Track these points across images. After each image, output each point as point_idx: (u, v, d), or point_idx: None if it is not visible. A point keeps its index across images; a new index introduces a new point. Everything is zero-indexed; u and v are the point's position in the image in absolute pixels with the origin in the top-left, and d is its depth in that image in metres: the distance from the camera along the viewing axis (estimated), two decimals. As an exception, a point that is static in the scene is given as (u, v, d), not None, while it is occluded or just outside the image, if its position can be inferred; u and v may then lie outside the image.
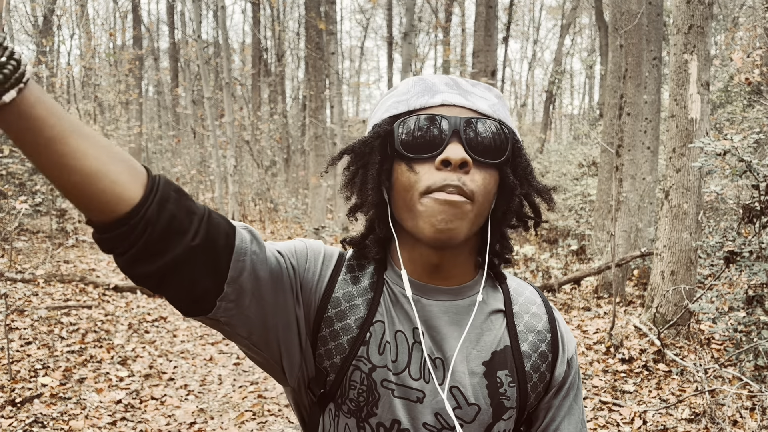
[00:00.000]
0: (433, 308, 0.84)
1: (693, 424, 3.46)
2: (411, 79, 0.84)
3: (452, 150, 0.75)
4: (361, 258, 0.90)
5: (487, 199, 0.79)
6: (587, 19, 26.08)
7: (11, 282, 6.37)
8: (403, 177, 0.78)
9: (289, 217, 14.20)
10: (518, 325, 0.87)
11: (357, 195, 0.86)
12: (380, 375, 0.81)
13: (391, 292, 0.86)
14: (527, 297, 0.90)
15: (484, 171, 0.78)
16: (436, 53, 26.93)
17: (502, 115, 0.82)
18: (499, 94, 0.85)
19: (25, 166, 8.41)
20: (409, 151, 0.78)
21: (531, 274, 7.70)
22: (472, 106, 0.79)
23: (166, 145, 21.78)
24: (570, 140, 17.47)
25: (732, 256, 3.98)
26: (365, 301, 0.85)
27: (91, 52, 16.87)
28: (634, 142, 6.85)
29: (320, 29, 9.79)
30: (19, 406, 3.60)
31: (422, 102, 0.80)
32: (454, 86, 0.82)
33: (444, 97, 0.79)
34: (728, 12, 14.58)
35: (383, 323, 0.84)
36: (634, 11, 6.66)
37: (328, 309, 0.84)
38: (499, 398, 0.83)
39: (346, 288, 0.86)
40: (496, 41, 9.10)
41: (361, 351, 0.83)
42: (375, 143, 0.82)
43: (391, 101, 0.84)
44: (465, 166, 0.75)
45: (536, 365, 0.86)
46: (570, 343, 0.90)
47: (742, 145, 3.77)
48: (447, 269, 0.84)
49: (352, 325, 0.84)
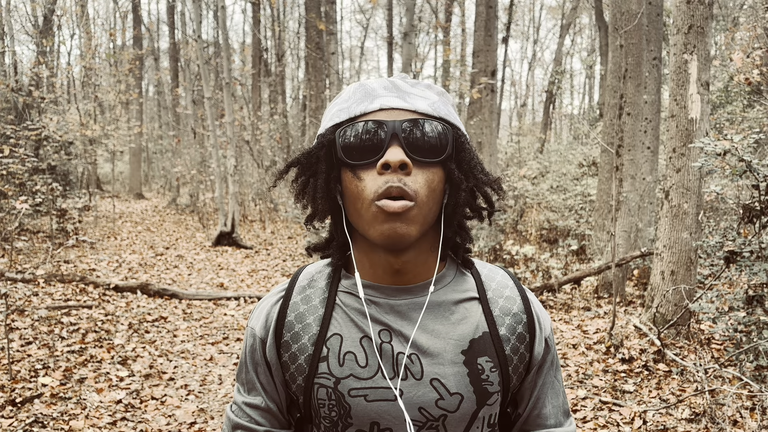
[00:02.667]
0: (401, 308, 0.85)
1: (693, 424, 3.46)
2: (352, 86, 0.86)
3: (391, 153, 0.76)
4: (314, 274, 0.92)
5: (433, 197, 0.80)
6: (587, 19, 26.08)
7: (11, 282, 6.37)
8: (351, 185, 0.80)
9: (289, 217, 14.20)
10: (494, 310, 0.88)
11: (310, 204, 0.87)
12: (346, 386, 0.83)
13: (348, 302, 0.87)
14: (499, 281, 0.92)
15: (426, 170, 0.79)
16: (436, 53, 26.93)
17: (443, 112, 0.83)
18: (441, 91, 0.86)
19: (25, 166, 8.41)
20: (352, 159, 0.80)
21: (531, 274, 7.71)
22: (410, 107, 0.80)
23: (166, 145, 21.78)
24: (570, 140, 17.46)
25: (732, 256, 3.98)
26: (317, 318, 0.87)
27: (91, 52, 16.87)
28: (634, 142, 6.85)
29: (320, 29, 9.79)
30: (19, 406, 3.61)
31: (361, 108, 0.81)
32: (393, 89, 0.83)
33: (382, 102, 0.81)
34: (728, 12, 14.58)
35: (340, 335, 0.85)
36: (634, 11, 6.66)
37: (284, 334, 0.87)
38: (482, 384, 0.84)
39: (297, 310, 0.88)
40: (496, 41, 9.10)
41: (321, 368, 0.84)
42: (320, 153, 0.84)
43: (334, 110, 0.86)
44: (405, 167, 0.76)
45: (515, 347, 0.87)
46: (546, 322, 0.92)
47: (742, 145, 3.78)
48: (409, 270, 0.85)
49: (306, 344, 0.86)
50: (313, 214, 0.89)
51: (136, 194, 20.98)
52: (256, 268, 8.82)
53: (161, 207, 18.08)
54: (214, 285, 7.51)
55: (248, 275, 8.27)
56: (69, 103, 16.53)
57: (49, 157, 10.53)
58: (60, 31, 19.24)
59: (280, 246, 11.14)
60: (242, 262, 9.29)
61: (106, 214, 14.69)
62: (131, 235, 11.70)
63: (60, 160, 11.19)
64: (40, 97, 11.65)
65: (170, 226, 13.76)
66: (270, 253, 10.26)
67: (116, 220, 13.70)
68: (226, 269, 8.67)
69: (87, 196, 13.41)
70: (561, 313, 6.08)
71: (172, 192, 19.19)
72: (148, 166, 27.23)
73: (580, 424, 3.55)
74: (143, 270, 8.27)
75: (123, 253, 9.50)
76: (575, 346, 4.91)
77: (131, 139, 17.70)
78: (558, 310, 6.22)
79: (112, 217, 13.69)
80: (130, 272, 8.06)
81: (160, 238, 11.70)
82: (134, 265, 8.60)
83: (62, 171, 11.62)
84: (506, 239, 8.40)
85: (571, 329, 5.41)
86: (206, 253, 10.00)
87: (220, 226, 10.87)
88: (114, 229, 12.42)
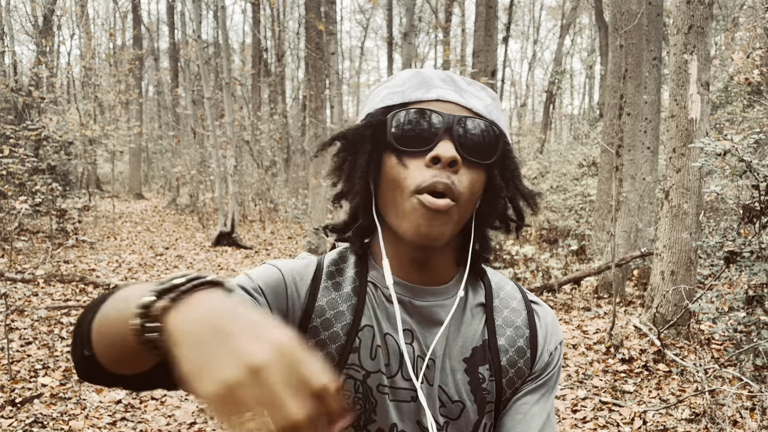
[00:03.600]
0: (424, 309, 0.84)
1: (693, 424, 3.46)
2: (408, 71, 0.84)
3: (443, 147, 0.75)
4: (339, 263, 0.88)
5: (472, 201, 0.79)
6: (587, 19, 26.08)
7: (11, 282, 6.37)
8: (393, 170, 0.78)
9: (289, 217, 14.20)
10: (497, 320, 0.86)
11: (344, 182, 0.85)
12: (375, 380, 0.81)
13: (376, 294, 0.85)
14: (508, 292, 0.90)
15: (472, 171, 0.77)
16: (436, 53, 26.93)
17: (495, 116, 0.82)
18: (494, 95, 0.84)
19: (24, 166, 8.41)
20: (401, 144, 0.77)
21: (531, 274, 7.70)
22: (466, 104, 0.79)
23: (166, 145, 21.78)
24: (570, 140, 17.47)
25: (732, 256, 3.98)
26: (350, 307, 0.84)
27: (91, 52, 16.87)
28: (634, 142, 6.85)
29: (320, 29, 9.78)
30: (19, 406, 3.60)
31: (418, 95, 0.79)
32: (450, 82, 0.81)
33: (439, 93, 0.79)
34: (728, 12, 14.58)
35: (372, 327, 0.83)
36: (634, 11, 6.66)
37: (313, 319, 0.83)
38: (482, 394, 0.83)
39: (329, 295, 0.85)
40: (496, 41, 9.10)
41: (351, 359, 0.82)
42: (367, 132, 0.81)
43: (386, 92, 0.83)
44: (455, 164, 0.75)
45: (513, 360, 0.85)
46: (553, 336, 0.88)
47: (742, 145, 3.78)
48: (432, 265, 0.84)
49: (339, 332, 0.83)
50: (344, 192, 0.86)
51: (136, 194, 20.98)
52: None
53: (161, 207, 18.07)
54: (213, 285, 7.51)
55: (248, 275, 8.26)
56: (69, 103, 16.53)
57: (49, 157, 10.53)
58: (60, 31, 19.25)
59: (279, 246, 11.14)
60: (242, 263, 9.28)
61: (105, 214, 14.68)
62: (131, 235, 11.70)
63: (60, 160, 11.19)
64: (40, 97, 11.65)
65: (170, 226, 13.76)
66: (270, 254, 10.26)
67: (116, 220, 13.70)
68: (225, 269, 8.66)
69: (87, 196, 13.41)
70: (561, 313, 6.07)
71: (171, 192, 19.19)
72: (147, 166, 27.23)
73: (580, 424, 3.55)
74: (143, 270, 8.27)
75: (123, 253, 9.50)
76: (575, 346, 4.90)
77: (131, 139, 17.69)
78: (558, 310, 6.21)
79: (112, 217, 13.69)
80: (130, 272, 8.06)
81: (160, 238, 11.70)
82: (134, 265, 8.60)
83: (62, 171, 11.62)
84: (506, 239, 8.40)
85: (571, 329, 5.41)
86: (206, 253, 10.00)
87: (220, 226, 10.87)
88: (114, 229, 12.42)
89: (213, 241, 10.79)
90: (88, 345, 0.62)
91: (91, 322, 0.61)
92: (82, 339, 0.63)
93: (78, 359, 0.64)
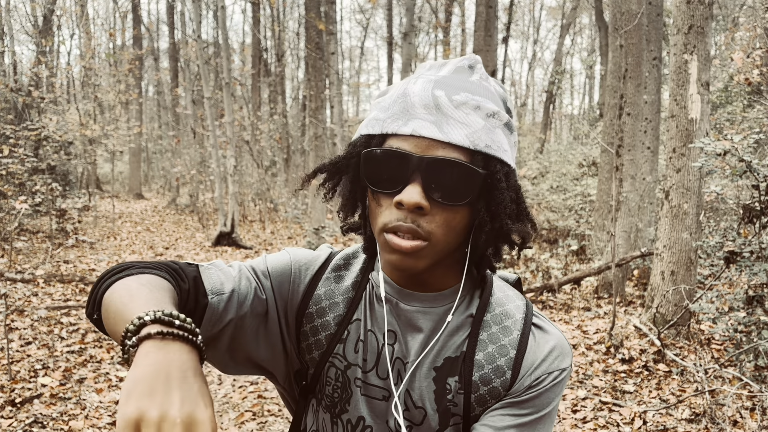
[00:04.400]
0: (410, 313, 0.84)
1: (693, 425, 3.46)
2: (396, 91, 0.80)
3: (408, 193, 0.73)
4: (351, 258, 0.92)
5: (453, 234, 0.77)
6: (587, 19, 26.08)
7: (11, 282, 6.37)
8: (372, 203, 0.80)
9: (289, 217, 14.19)
10: (481, 334, 0.84)
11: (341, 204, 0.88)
12: (354, 373, 0.85)
13: (371, 292, 0.88)
14: (506, 310, 0.86)
15: (447, 210, 0.75)
16: (436, 53, 26.94)
17: (483, 143, 0.76)
18: (492, 112, 0.77)
19: (24, 166, 8.41)
20: (372, 184, 0.78)
21: (531, 274, 7.70)
22: (444, 138, 0.74)
23: (166, 145, 21.78)
24: (570, 140, 17.47)
25: (732, 256, 3.98)
26: (345, 300, 0.88)
27: (91, 52, 16.87)
28: (634, 142, 6.85)
29: (320, 29, 9.78)
30: (19, 406, 3.60)
31: (394, 128, 0.76)
32: (432, 110, 0.75)
33: (414, 127, 0.75)
34: (728, 12, 14.58)
35: (361, 321, 0.87)
36: (634, 11, 6.66)
37: (310, 306, 0.89)
38: (446, 404, 0.82)
39: (328, 286, 0.90)
40: (496, 41, 9.10)
41: (337, 348, 0.86)
42: (350, 162, 0.83)
43: (373, 113, 0.82)
44: (420, 209, 0.73)
45: (487, 378, 0.82)
46: (546, 362, 0.82)
47: (742, 145, 3.77)
48: (426, 278, 0.84)
49: (330, 322, 0.88)
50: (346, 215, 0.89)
51: (136, 194, 20.98)
52: (256, 268, 8.81)
53: (161, 207, 18.07)
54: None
55: (248, 275, 8.26)
56: (69, 103, 16.52)
57: (49, 157, 10.53)
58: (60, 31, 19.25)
59: (279, 246, 11.14)
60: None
61: (105, 214, 14.68)
62: (131, 236, 11.70)
63: (60, 160, 11.19)
64: (40, 97, 11.65)
65: (170, 226, 13.76)
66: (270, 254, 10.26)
67: (116, 220, 13.70)
68: (225, 269, 8.66)
69: (86, 196, 13.41)
70: (561, 313, 6.07)
71: (171, 192, 19.19)
72: (147, 166, 27.23)
73: (580, 424, 3.55)
74: (143, 270, 8.26)
75: (123, 254, 9.50)
76: (575, 346, 4.90)
77: (131, 139, 17.69)
78: (558, 310, 6.21)
79: (112, 217, 13.69)
80: (130, 272, 8.06)
81: (160, 238, 11.70)
82: (134, 265, 8.59)
83: (62, 171, 11.62)
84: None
85: (571, 329, 5.41)
86: (206, 254, 10.00)
87: (220, 226, 10.86)
88: (113, 229, 12.42)
89: (213, 241, 10.79)
90: (98, 311, 0.73)
91: (103, 294, 0.72)
92: (94, 303, 0.75)
93: (89, 313, 0.77)
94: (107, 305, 0.69)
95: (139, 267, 0.76)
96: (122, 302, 0.66)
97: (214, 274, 0.83)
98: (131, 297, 0.66)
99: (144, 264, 0.77)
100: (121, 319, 0.64)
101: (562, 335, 0.86)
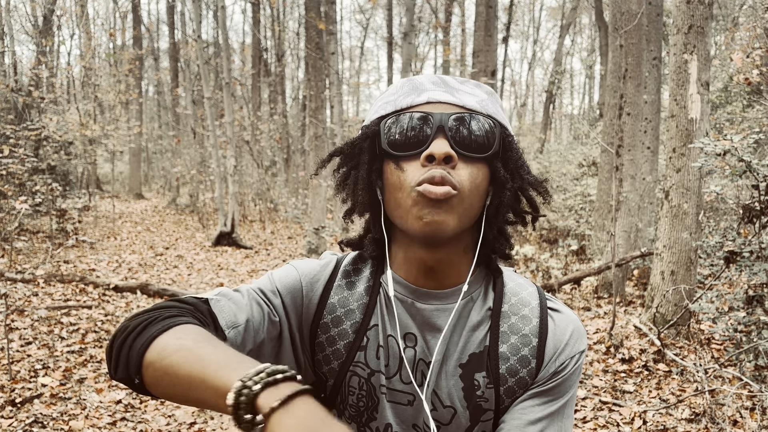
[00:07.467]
0: (427, 312, 0.83)
1: (693, 424, 3.46)
2: (400, 81, 0.85)
3: (437, 145, 0.75)
4: (359, 262, 0.91)
5: (477, 193, 0.78)
6: (587, 19, 26.08)
7: (11, 282, 6.37)
8: (393, 176, 0.79)
9: (289, 217, 14.19)
10: (502, 326, 0.84)
11: (350, 196, 0.86)
12: (378, 380, 0.83)
13: (385, 295, 0.86)
14: (522, 298, 0.87)
15: (471, 165, 0.78)
16: (436, 53, 26.94)
17: (491, 109, 0.82)
18: (490, 91, 0.84)
19: (24, 166, 8.41)
20: (396, 150, 0.78)
21: (531, 274, 7.70)
22: (458, 102, 0.79)
23: (166, 145, 21.77)
24: (570, 140, 17.47)
25: (732, 256, 3.98)
26: (360, 306, 0.86)
27: (91, 52, 16.87)
28: (634, 142, 6.85)
29: (320, 29, 9.78)
30: (19, 406, 3.60)
31: (408, 101, 0.80)
32: (441, 84, 0.82)
33: (430, 95, 0.80)
34: (728, 12, 14.58)
35: (379, 326, 0.85)
36: (634, 11, 6.66)
37: (324, 315, 0.86)
38: (476, 401, 0.82)
39: (341, 294, 0.87)
40: (496, 41, 9.10)
41: (358, 356, 0.84)
42: (364, 144, 0.83)
43: (381, 102, 0.85)
44: (450, 160, 0.75)
45: (513, 369, 0.82)
46: (568, 346, 0.84)
47: (742, 145, 3.78)
48: (442, 270, 0.83)
49: (348, 330, 0.85)
50: (352, 208, 0.87)
51: (136, 194, 20.98)
52: (256, 268, 8.81)
53: (161, 207, 18.07)
54: (213, 285, 7.51)
55: (248, 275, 8.26)
56: (69, 103, 16.51)
57: (49, 157, 10.53)
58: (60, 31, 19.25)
59: (280, 246, 11.15)
60: (242, 263, 9.29)
61: (105, 214, 14.68)
62: (131, 235, 11.70)
63: (60, 160, 11.19)
64: (40, 97, 11.64)
65: (170, 226, 13.76)
66: (270, 253, 10.26)
67: (116, 220, 13.70)
68: (225, 269, 8.66)
69: (87, 196, 13.41)
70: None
71: (171, 192, 19.19)
72: (147, 166, 27.23)
73: (580, 424, 3.55)
74: (143, 270, 8.27)
75: (123, 253, 9.50)
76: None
77: (131, 139, 17.69)
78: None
79: (112, 217, 13.69)
80: (130, 272, 8.06)
81: (160, 238, 11.70)
82: (134, 265, 8.60)
83: (62, 171, 11.62)
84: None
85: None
86: (206, 254, 10.00)
87: (220, 226, 10.87)
88: (114, 229, 12.42)
89: (213, 241, 10.79)
90: (138, 374, 0.66)
91: (144, 353, 0.65)
92: (128, 364, 0.67)
93: (124, 377, 0.68)
94: (168, 369, 0.63)
95: (165, 318, 0.70)
96: (191, 366, 0.60)
97: (225, 307, 0.79)
98: (200, 358, 0.60)
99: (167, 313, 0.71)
100: (203, 386, 0.58)
101: (574, 314, 0.89)
